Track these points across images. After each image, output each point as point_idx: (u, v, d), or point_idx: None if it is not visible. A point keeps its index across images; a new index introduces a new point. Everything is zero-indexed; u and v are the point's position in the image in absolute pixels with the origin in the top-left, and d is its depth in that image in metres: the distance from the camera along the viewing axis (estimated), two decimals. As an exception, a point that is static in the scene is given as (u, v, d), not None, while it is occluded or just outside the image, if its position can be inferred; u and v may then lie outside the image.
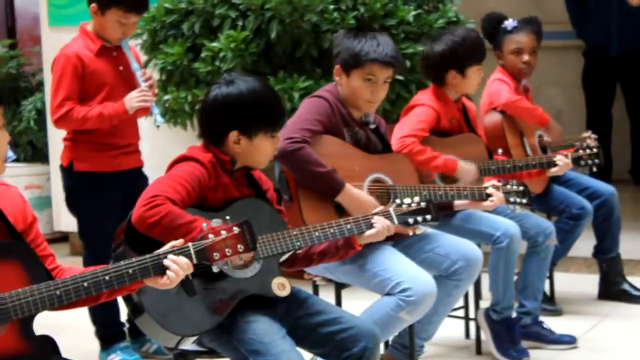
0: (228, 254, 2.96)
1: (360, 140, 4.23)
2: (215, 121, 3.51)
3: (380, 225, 3.64)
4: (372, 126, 4.32)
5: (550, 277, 5.65)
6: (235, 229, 2.98)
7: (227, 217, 3.05)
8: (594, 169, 5.06)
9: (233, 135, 3.48)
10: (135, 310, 3.32)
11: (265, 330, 3.29)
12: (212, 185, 3.43)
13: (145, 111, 4.84)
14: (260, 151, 3.53)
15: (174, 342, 3.39)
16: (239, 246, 2.97)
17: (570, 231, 5.49)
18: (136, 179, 4.96)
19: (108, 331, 5.00)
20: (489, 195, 4.23)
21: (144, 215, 3.24)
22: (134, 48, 5.00)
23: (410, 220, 3.72)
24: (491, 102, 5.39)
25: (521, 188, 4.28)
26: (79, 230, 4.99)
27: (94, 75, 4.76)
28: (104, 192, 4.84)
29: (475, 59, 4.87)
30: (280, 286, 3.43)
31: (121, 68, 4.85)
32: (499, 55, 5.55)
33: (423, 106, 4.76)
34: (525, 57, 5.48)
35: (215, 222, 2.99)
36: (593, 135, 5.59)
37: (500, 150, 4.88)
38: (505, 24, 5.52)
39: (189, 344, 3.44)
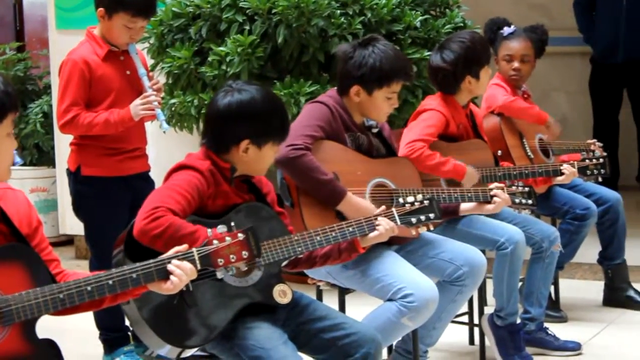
0: (232, 260, 2.97)
1: (362, 145, 4.21)
2: (228, 129, 3.44)
3: (383, 227, 3.64)
4: (375, 130, 4.31)
5: (556, 283, 5.65)
6: (240, 236, 2.98)
7: (232, 224, 3.03)
8: (600, 179, 5.06)
9: (244, 144, 3.44)
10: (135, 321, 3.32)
11: (266, 336, 3.29)
12: (211, 193, 3.40)
13: (152, 116, 4.83)
14: (264, 160, 3.51)
15: (175, 353, 3.38)
16: (243, 252, 2.98)
17: (575, 232, 5.48)
18: (143, 183, 4.94)
19: (112, 335, 4.99)
20: (493, 197, 4.23)
21: (146, 228, 3.21)
22: (142, 52, 5.00)
23: (414, 220, 3.71)
24: (489, 106, 5.40)
25: (526, 189, 4.30)
26: (85, 235, 4.98)
27: (101, 81, 4.75)
28: (112, 196, 4.83)
29: (486, 60, 4.85)
30: (282, 293, 3.42)
31: (128, 73, 4.83)
32: (496, 60, 5.55)
33: (432, 111, 4.72)
34: (515, 64, 5.48)
35: (221, 229, 2.99)
36: (598, 143, 5.60)
37: (500, 152, 4.87)
38: (503, 30, 5.52)
39: (190, 353, 3.44)
